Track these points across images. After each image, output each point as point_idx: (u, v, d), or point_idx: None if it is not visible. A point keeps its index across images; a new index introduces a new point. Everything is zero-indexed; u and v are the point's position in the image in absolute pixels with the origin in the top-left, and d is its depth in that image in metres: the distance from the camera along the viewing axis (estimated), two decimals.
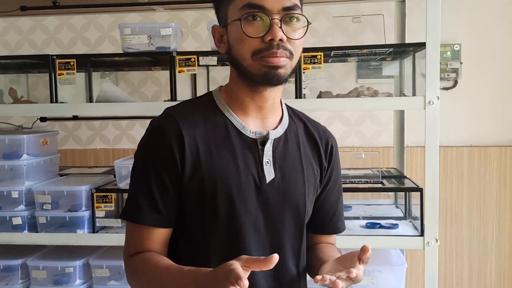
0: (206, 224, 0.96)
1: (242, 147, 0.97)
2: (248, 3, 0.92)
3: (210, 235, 0.96)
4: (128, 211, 0.98)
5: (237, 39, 0.94)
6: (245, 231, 0.96)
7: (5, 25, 3.28)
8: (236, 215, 0.95)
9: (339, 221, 1.13)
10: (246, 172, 0.96)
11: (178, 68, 1.76)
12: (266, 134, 0.99)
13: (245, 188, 0.96)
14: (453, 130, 2.98)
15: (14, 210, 1.84)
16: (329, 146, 1.08)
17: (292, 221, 1.01)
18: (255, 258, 0.78)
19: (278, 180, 0.98)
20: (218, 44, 1.00)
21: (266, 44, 0.91)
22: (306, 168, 1.02)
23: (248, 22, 0.92)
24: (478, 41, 2.96)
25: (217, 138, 0.97)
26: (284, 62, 0.93)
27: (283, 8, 0.92)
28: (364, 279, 1.79)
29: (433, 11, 1.60)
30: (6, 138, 1.87)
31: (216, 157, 0.96)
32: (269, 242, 0.98)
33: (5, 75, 2.23)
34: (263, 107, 1.00)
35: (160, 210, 0.96)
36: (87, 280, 1.89)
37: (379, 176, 1.99)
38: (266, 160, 0.98)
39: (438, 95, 1.62)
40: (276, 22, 0.91)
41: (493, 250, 3.03)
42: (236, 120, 0.99)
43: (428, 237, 1.66)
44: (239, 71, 0.97)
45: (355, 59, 2.16)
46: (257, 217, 0.97)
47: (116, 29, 3.19)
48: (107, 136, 3.28)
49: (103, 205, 1.81)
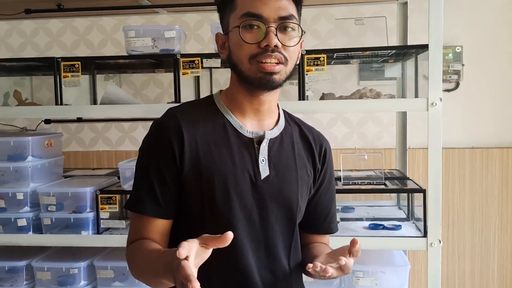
0: (204, 216, 1.02)
1: (239, 146, 1.04)
2: (247, 12, 0.99)
3: (207, 227, 0.99)
4: (131, 202, 1.05)
5: (236, 44, 1.01)
6: (240, 223, 1.01)
7: (8, 28, 3.30)
8: (232, 207, 1.01)
9: (333, 222, 1.19)
10: (242, 168, 1.02)
11: (182, 70, 1.77)
12: (262, 134, 1.06)
13: (241, 183, 1.02)
14: (455, 131, 2.98)
15: (19, 211, 1.85)
16: (323, 149, 1.14)
17: (284, 216, 1.06)
18: (212, 236, 0.82)
19: (273, 177, 1.05)
20: (221, 50, 1.07)
21: (262, 49, 0.98)
22: (300, 168, 1.09)
23: (247, 29, 0.99)
24: (480, 43, 2.97)
25: (215, 136, 1.04)
26: (279, 68, 1.00)
27: (279, 17, 0.99)
28: (367, 280, 1.80)
29: (435, 13, 1.61)
30: (11, 140, 1.88)
31: (215, 154, 1.02)
32: (262, 236, 1.04)
33: (9, 78, 2.24)
34: (260, 109, 1.07)
35: (159, 202, 1.02)
36: (92, 281, 1.90)
37: (382, 177, 2.00)
38: (261, 158, 1.04)
39: (440, 96, 1.63)
40: (272, 30, 0.98)
41: (495, 252, 3.03)
42: (234, 120, 1.06)
43: (431, 238, 1.67)
44: (238, 75, 1.03)
45: (357, 61, 2.17)
46: (252, 211, 1.03)
47: (119, 32, 3.21)
48: (109, 138, 3.29)
49: (108, 206, 1.82)
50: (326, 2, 2.42)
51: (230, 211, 1.01)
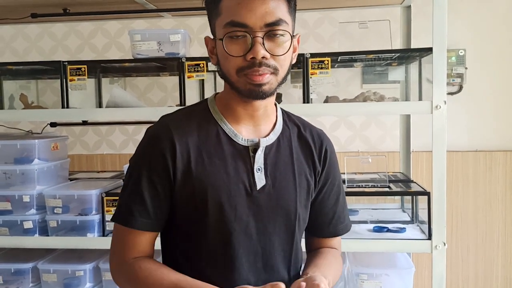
0: (198, 229, 0.98)
1: (233, 155, 0.99)
2: (231, 21, 0.93)
3: (202, 240, 0.98)
4: (120, 215, 1.00)
5: (223, 56, 0.96)
6: (235, 237, 0.98)
7: (14, 32, 3.32)
8: (225, 221, 0.97)
9: (339, 224, 1.12)
10: (236, 179, 0.98)
11: (187, 74, 1.78)
12: (258, 142, 1.01)
13: (235, 195, 0.97)
14: (458, 135, 2.99)
15: (25, 214, 1.86)
16: (323, 149, 1.08)
17: (283, 226, 1.02)
18: None
19: (269, 187, 1.00)
20: (211, 55, 1.02)
21: (248, 62, 0.93)
22: (299, 174, 1.03)
23: (231, 40, 0.93)
24: (483, 46, 2.98)
25: (208, 146, 0.99)
26: (267, 79, 0.94)
27: (265, 24, 0.92)
28: (372, 282, 1.81)
29: (439, 16, 1.62)
30: (17, 143, 1.90)
31: (207, 165, 0.98)
32: (260, 248, 1.00)
33: (15, 81, 2.26)
34: (255, 115, 1.02)
35: (150, 215, 0.98)
36: (97, 283, 1.91)
37: (386, 180, 2.00)
38: (257, 167, 1.00)
39: (445, 99, 1.64)
40: (258, 40, 0.92)
41: (499, 255, 3.03)
42: (229, 128, 1.01)
43: (436, 240, 1.67)
44: (229, 84, 0.99)
45: (361, 64, 2.18)
46: (248, 223, 0.98)
47: (123, 36, 3.23)
48: (113, 142, 3.31)
49: (113, 209, 1.82)
50: (329, 6, 2.44)
51: (224, 225, 0.97)
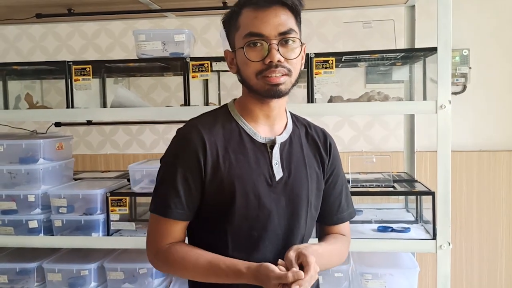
0: (226, 216, 1.12)
1: (254, 151, 1.15)
2: (250, 32, 1.09)
3: (228, 226, 1.12)
4: (159, 207, 1.14)
5: (243, 63, 1.12)
6: (259, 222, 1.12)
7: (18, 32, 3.33)
8: (251, 208, 1.12)
9: (345, 211, 1.28)
10: (258, 172, 1.13)
11: (192, 74, 1.79)
12: (274, 139, 1.16)
13: (259, 186, 1.12)
14: (462, 135, 2.98)
15: (30, 213, 1.87)
16: (328, 143, 1.25)
17: (298, 213, 1.17)
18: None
19: (286, 178, 1.15)
20: (230, 65, 1.18)
21: (266, 66, 1.09)
22: (309, 167, 1.19)
23: (251, 48, 1.10)
24: (487, 45, 2.98)
25: (233, 144, 1.14)
26: (283, 80, 1.10)
27: (279, 33, 1.09)
28: (376, 282, 1.81)
29: (444, 15, 1.62)
30: (22, 142, 1.90)
31: (233, 160, 1.13)
32: (280, 231, 1.15)
33: (20, 81, 2.27)
34: (270, 115, 1.17)
35: (184, 207, 1.13)
36: (102, 282, 1.91)
37: (390, 180, 2.00)
38: (275, 162, 1.15)
39: (449, 99, 1.64)
40: (273, 47, 1.08)
41: (503, 254, 3.02)
42: (248, 127, 1.16)
43: (440, 240, 1.67)
44: (248, 88, 1.15)
45: (365, 64, 2.18)
46: (271, 210, 1.13)
47: (127, 36, 3.24)
48: (117, 142, 3.31)
49: (118, 208, 1.83)
50: (333, 5, 2.43)
51: (250, 211, 1.11)
